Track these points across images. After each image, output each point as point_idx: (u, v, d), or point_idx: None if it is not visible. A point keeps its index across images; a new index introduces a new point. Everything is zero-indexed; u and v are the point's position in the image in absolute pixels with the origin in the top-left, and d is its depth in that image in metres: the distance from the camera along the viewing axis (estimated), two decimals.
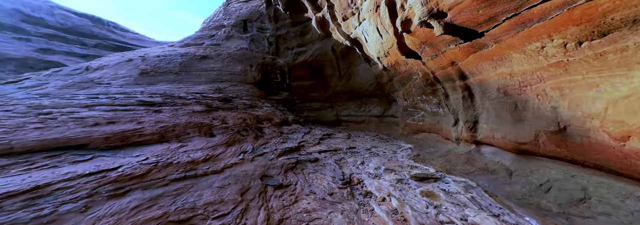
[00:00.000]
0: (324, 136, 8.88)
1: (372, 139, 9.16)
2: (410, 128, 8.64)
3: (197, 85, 9.51)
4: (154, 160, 3.53)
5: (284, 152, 5.91)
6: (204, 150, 4.48)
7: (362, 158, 6.35)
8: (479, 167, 4.56)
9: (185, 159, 3.80)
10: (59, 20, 29.34)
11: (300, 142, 7.36)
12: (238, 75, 11.63)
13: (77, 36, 29.29)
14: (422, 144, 7.57)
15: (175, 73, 9.87)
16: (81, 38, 29.37)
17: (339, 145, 7.68)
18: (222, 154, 4.56)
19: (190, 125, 5.27)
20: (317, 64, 13.96)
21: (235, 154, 4.84)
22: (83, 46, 28.53)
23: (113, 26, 33.66)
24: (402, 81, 8.94)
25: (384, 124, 11.40)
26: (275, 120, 9.20)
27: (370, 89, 12.06)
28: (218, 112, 6.67)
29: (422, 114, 8.01)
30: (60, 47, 26.89)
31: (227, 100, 8.53)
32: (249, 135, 6.39)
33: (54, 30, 27.80)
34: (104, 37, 31.31)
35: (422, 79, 7.20)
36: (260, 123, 7.98)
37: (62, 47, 27.04)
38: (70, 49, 27.98)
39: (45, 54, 24.47)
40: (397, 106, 10.93)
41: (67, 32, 29.25)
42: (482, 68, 4.59)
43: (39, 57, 24.04)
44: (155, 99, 5.98)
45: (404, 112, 9.26)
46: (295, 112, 13.53)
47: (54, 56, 24.55)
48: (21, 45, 23.82)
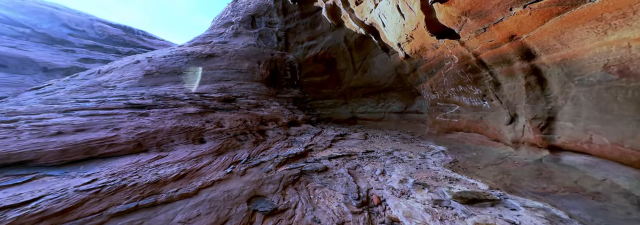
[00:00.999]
0: (336, 137, 7.59)
1: (393, 140, 7.64)
2: (440, 126, 6.96)
3: (201, 85, 8.80)
4: (103, 182, 2.58)
5: (286, 160, 4.77)
6: (184, 162, 3.49)
7: (383, 165, 4.97)
8: (566, 186, 2.95)
9: (149, 179, 2.81)
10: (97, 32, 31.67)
11: (308, 145, 6.17)
12: (245, 73, 10.77)
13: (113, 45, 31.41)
14: (459, 146, 5.91)
15: (180, 73, 9.28)
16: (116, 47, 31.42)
17: (354, 149, 6.35)
18: (206, 167, 3.55)
19: (177, 130, 4.36)
20: (329, 57, 12.58)
21: (224, 165, 3.81)
22: (117, 54, 30.47)
23: (142, 34, 35.62)
24: (428, 70, 7.24)
25: (407, 121, 9.73)
26: (283, 121, 8.13)
27: (389, 82, 10.41)
28: (214, 113, 5.74)
29: (457, 108, 6.30)
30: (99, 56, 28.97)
31: (229, 100, 7.64)
32: (248, 140, 5.35)
33: (93, 41, 30.09)
34: (135, 45, 33.20)
35: (459, 64, 5.50)
36: (263, 124, 6.95)
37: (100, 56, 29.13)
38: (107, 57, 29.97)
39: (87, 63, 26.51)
40: (422, 101, 9.18)
41: (104, 42, 31.48)
42: (570, 38, 2.91)
43: (81, 66, 26.00)
44: (146, 101, 5.22)
45: (432, 107, 7.56)
46: (306, 111, 12.40)
47: (93, 64, 26.47)
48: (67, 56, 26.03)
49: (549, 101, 3.55)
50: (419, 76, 8.06)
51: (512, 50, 3.95)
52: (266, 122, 7.25)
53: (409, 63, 8.14)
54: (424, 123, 8.53)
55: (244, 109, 7.22)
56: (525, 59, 3.83)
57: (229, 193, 2.96)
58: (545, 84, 3.62)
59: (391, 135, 8.48)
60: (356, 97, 12.30)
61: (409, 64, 8.21)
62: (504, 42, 4.02)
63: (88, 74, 9.00)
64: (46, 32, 26.13)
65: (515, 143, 4.26)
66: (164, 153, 3.66)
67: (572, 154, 3.25)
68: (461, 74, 5.55)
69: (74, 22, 30.94)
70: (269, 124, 7.27)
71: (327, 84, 12.97)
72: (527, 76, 3.85)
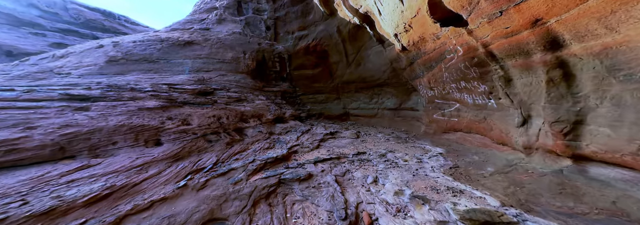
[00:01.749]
0: (326, 136, 6.85)
1: (387, 139, 7.00)
2: (438, 125, 6.34)
3: (175, 75, 7.71)
4: None
5: (263, 166, 3.99)
6: (118, 174, 2.63)
7: (375, 171, 4.29)
8: (601, 208, 2.36)
9: (39, 207, 1.94)
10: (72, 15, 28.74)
11: (293, 146, 5.39)
12: (228, 64, 9.68)
13: (91, 30, 28.67)
14: (458, 148, 5.31)
15: (152, 61, 8.11)
16: (94, 32, 28.71)
17: (344, 150, 5.64)
18: (150, 180, 2.70)
19: (123, 129, 3.44)
20: (321, 49, 11.60)
21: (178, 176, 2.97)
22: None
23: (124, 20, 32.75)
24: (427, 64, 6.51)
25: (401, 119, 9.11)
26: (267, 117, 7.27)
27: (383, 77, 9.66)
28: (182, 108, 4.80)
29: (457, 107, 5.66)
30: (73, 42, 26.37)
31: (206, 94, 6.66)
32: (220, 141, 4.50)
33: (67, 25, 27.27)
34: (116, 31, 30.50)
35: (464, 57, 4.78)
36: (243, 121, 6.07)
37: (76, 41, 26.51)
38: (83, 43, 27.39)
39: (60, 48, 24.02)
40: (417, 97, 8.52)
41: (80, 26, 28.66)
42: (624, 19, 2.20)
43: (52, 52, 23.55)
44: (92, 92, 4.20)
45: (429, 104, 6.91)
46: (296, 106, 11.54)
47: None
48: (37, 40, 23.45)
49: (577, 101, 2.89)
50: (415, 71, 7.34)
51: (534, 39, 3.23)
52: (247, 119, 6.37)
53: (406, 56, 7.37)
54: (419, 121, 7.92)
55: (221, 103, 6.28)
56: (550, 49, 3.12)
57: (170, 220, 2.15)
58: (573, 80, 2.95)
59: (384, 134, 7.83)
60: (349, 92, 11.53)
61: (405, 57, 7.45)
62: (524, 28, 3.29)
63: (41, 58, 7.67)
64: (11, 12, 23.35)
65: (527, 148, 3.64)
66: (95, 160, 2.77)
67: (605, 167, 2.64)
68: (465, 68, 4.85)
69: (44, 2, 27.86)
70: (250, 120, 6.40)
71: (319, 77, 12.08)
72: (550, 70, 3.16)
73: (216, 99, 6.33)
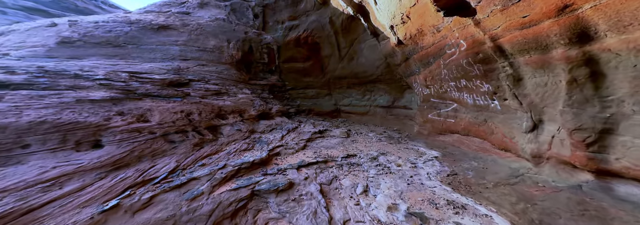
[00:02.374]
0: (314, 135, 6.22)
1: (379, 139, 6.48)
2: (432, 126, 5.88)
3: (145, 63, 6.68)
4: None
5: (236, 173, 3.31)
6: (9, 194, 1.85)
7: (366, 178, 3.75)
8: None
9: None
10: None
11: (276, 147, 4.72)
12: (210, 53, 8.66)
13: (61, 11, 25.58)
14: (455, 151, 4.87)
15: (118, 45, 6.98)
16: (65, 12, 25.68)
17: (333, 151, 5.05)
18: (59, 201, 1.98)
19: (43, 127, 2.60)
20: (312, 41, 10.76)
21: (111, 192, 2.24)
22: None
23: (101, 1, 29.54)
24: (424, 60, 5.94)
25: (394, 117, 8.63)
26: (250, 113, 6.50)
27: (376, 73, 9.06)
28: (140, 102, 3.95)
29: (454, 107, 5.18)
30: None
31: (178, 85, 5.76)
32: (186, 141, 3.74)
33: (33, 3, 24.09)
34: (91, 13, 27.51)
35: (467, 53, 4.24)
36: (220, 118, 5.29)
37: None
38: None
39: None
40: (412, 95, 8.03)
41: (49, 5, 25.48)
42: None
43: None
44: (15, 78, 3.25)
45: (424, 103, 6.42)
46: (285, 101, 10.77)
47: None
48: None
49: (607, 106, 2.41)
50: (411, 67, 6.77)
51: (557, 30, 2.69)
52: (225, 115, 5.58)
53: (401, 51, 6.77)
54: (412, 120, 7.47)
55: (195, 96, 5.43)
56: (576, 43, 2.60)
57: None
58: (602, 81, 2.46)
59: (376, 133, 7.33)
60: (341, 87, 10.88)
61: (401, 52, 6.84)
62: (547, 17, 2.73)
63: None
64: None
65: (536, 157, 3.20)
66: None
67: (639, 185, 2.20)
68: (467, 65, 4.31)
69: None
70: (229, 117, 5.61)
71: (310, 71, 11.29)
72: (574, 69, 2.65)
73: (189, 92, 5.46)
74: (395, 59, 7.53)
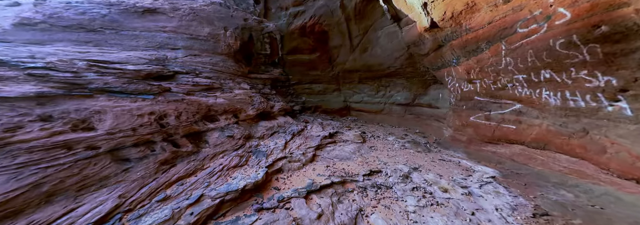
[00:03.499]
0: (324, 140, 4.99)
1: (402, 145, 5.21)
2: (477, 132, 4.54)
3: (124, 51, 5.44)
4: None
5: (214, 211, 2.12)
6: None
7: (405, 216, 2.52)
8: None
9: None
10: None
11: (277, 160, 3.50)
12: (204, 41, 7.34)
13: None
14: (520, 170, 3.55)
15: (93, 30, 5.72)
16: None
17: (350, 164, 3.81)
18: None
19: None
20: (320, 29, 9.27)
21: None
22: None
23: None
24: (469, 47, 4.52)
25: (414, 117, 7.31)
26: (248, 113, 5.26)
27: (394, 65, 7.63)
28: (88, 100, 2.73)
29: (517, 108, 3.82)
30: None
31: (160, 78, 4.53)
32: (148, 158, 2.54)
33: None
34: None
35: (569, 27, 2.88)
36: (208, 120, 4.06)
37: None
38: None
39: None
40: (439, 91, 6.63)
41: None
42: None
43: None
44: None
45: (463, 102, 5.05)
46: (289, 97, 9.51)
47: None
48: None
49: None
50: (445, 57, 5.35)
51: None
52: (215, 116, 4.35)
53: (433, 37, 5.32)
54: (440, 121, 6.13)
55: (178, 92, 4.19)
56: None
57: None
58: None
59: (396, 136, 6.04)
60: (351, 82, 9.50)
61: (432, 38, 5.39)
62: None
63: None
64: None
65: None
66: None
67: None
68: (565, 48, 2.90)
69: None
70: (220, 118, 4.39)
71: (317, 64, 9.89)
72: None
73: (170, 87, 4.22)
74: (421, 48, 6.08)
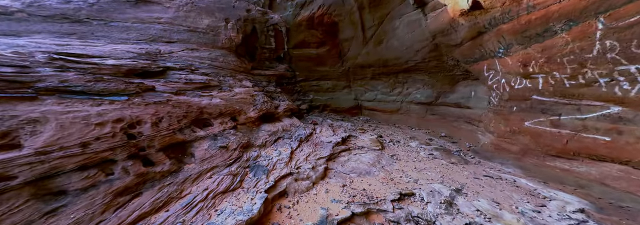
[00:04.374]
0: (336, 147, 4.12)
1: (429, 153, 4.27)
2: (537, 141, 3.52)
3: (111, 45, 4.73)
4: None
5: None
6: None
7: None
8: None
9: None
10: None
11: (280, 178, 2.69)
12: (202, 34, 6.55)
13: None
14: (629, 204, 2.54)
15: (79, 21, 5.04)
16: None
17: (370, 183, 2.95)
18: None
19: None
20: (329, 20, 8.23)
21: None
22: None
23: None
24: (531, 30, 3.46)
25: (438, 118, 6.29)
26: (248, 115, 4.46)
27: (414, 59, 6.56)
28: (24, 104, 1.96)
29: (614, 112, 2.77)
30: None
31: (145, 75, 3.79)
32: (95, 189, 1.76)
33: None
34: None
35: None
36: (197, 125, 3.28)
37: None
38: None
39: None
40: (471, 88, 5.56)
41: None
42: None
43: None
44: None
45: (512, 102, 4.00)
46: (295, 95, 8.66)
47: None
48: None
49: None
50: (485, 46, 4.27)
51: None
52: (208, 120, 3.57)
53: (471, 23, 4.24)
54: (472, 124, 5.11)
55: (164, 92, 3.42)
56: None
57: None
58: None
59: (420, 141, 5.08)
60: (363, 78, 8.51)
61: (469, 24, 4.32)
62: None
63: None
64: None
65: None
66: None
67: None
68: None
69: None
70: (214, 122, 3.61)
71: (325, 59, 8.93)
72: None
73: (155, 85, 3.45)
74: (452, 38, 5.00)
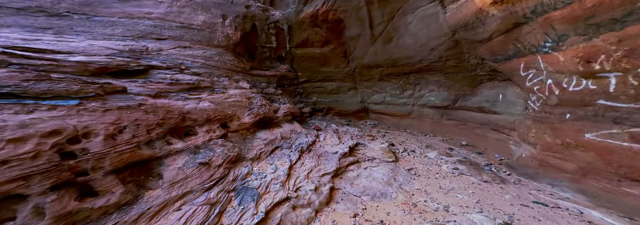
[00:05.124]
0: (343, 159, 3.42)
1: (454, 168, 3.54)
2: (609, 160, 2.76)
3: (90, 40, 4.16)
4: None
5: None
6: None
7: None
8: None
9: None
10: None
11: (272, 207, 2.00)
12: (197, 31, 5.96)
13: None
14: None
15: (57, 15, 4.51)
16: None
17: (390, 212, 2.23)
18: None
19: None
20: (334, 17, 7.58)
21: None
22: None
23: None
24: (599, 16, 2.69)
25: (457, 124, 5.54)
26: (242, 120, 3.80)
27: (429, 58, 5.84)
28: None
29: None
30: None
31: (122, 74, 3.17)
32: None
33: None
34: None
35: None
36: (172, 138, 2.63)
37: None
38: None
39: None
40: (498, 91, 4.78)
41: None
42: None
43: None
44: None
45: (563, 108, 3.25)
46: (297, 97, 8.01)
47: None
48: None
49: None
50: (524, 40, 3.53)
51: None
52: (192, 128, 2.93)
53: (505, 13, 3.52)
54: (501, 132, 4.35)
55: (138, 95, 2.80)
56: None
57: None
58: None
59: (438, 151, 4.34)
60: (370, 79, 7.81)
61: (502, 15, 3.60)
62: None
63: None
64: None
65: None
66: None
67: None
68: None
69: None
70: (198, 131, 2.97)
71: (330, 58, 8.26)
72: None
73: (126, 86, 2.82)
74: (478, 32, 4.27)
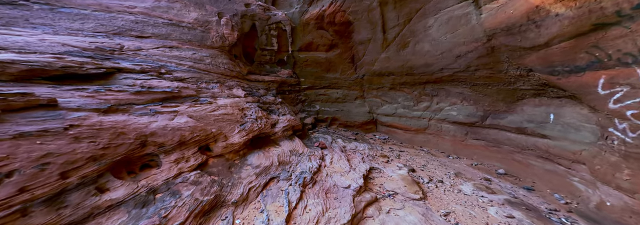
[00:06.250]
0: (359, 196, 2.48)
1: (504, 212, 2.63)
2: None
3: (46, 35, 3.29)
4: None
5: None
6: None
7: None
8: None
9: None
10: None
11: None
12: (188, 30, 5.12)
13: None
14: None
15: (12, 3, 3.70)
16: None
17: None
18: None
19: None
20: (342, 19, 6.78)
21: None
22: None
23: None
24: None
25: (488, 145, 4.62)
26: (230, 140, 2.88)
27: (454, 67, 4.99)
28: None
29: None
30: None
31: (78, 78, 2.23)
32: None
33: None
34: None
35: None
36: (110, 180, 1.70)
37: None
38: None
39: None
40: (547, 110, 3.87)
41: None
42: None
43: None
44: None
45: None
46: (299, 104, 7.12)
47: None
48: None
49: None
50: (606, 48, 2.66)
51: None
52: (153, 158, 2.00)
53: (578, 12, 2.75)
54: (552, 161, 3.42)
55: (72, 111, 1.85)
56: None
57: None
58: None
59: (474, 183, 3.41)
60: (380, 88, 6.93)
61: (572, 14, 2.84)
62: None
63: None
64: None
65: None
66: None
67: None
68: None
69: None
70: (162, 161, 2.04)
71: (336, 64, 7.43)
72: None
73: (56, 98, 1.91)
74: (528, 37, 3.41)
